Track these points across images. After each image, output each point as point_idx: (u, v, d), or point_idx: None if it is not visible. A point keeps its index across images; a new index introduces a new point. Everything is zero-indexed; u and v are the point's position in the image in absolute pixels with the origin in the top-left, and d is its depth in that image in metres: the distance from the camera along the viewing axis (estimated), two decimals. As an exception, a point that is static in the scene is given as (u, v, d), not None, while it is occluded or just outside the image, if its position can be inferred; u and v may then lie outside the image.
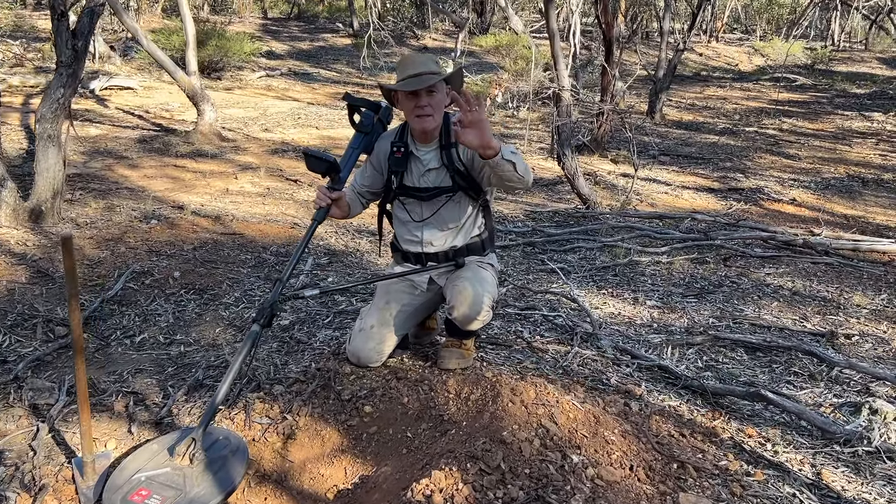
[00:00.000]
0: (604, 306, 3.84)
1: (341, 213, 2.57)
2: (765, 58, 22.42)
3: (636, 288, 4.12)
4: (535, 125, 10.43)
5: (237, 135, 8.51)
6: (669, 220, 5.46)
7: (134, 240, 4.37)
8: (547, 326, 3.48)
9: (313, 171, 2.40)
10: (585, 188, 5.61)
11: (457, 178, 2.53)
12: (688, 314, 3.76)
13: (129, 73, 12.52)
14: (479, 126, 2.09)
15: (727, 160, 8.32)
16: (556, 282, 4.18)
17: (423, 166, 2.58)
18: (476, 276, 2.54)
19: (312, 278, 4.07)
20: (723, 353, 3.27)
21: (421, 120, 2.46)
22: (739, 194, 6.67)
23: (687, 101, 13.94)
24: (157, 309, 3.61)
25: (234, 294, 3.81)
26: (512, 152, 2.23)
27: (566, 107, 5.43)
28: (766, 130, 10.63)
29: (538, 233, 5.14)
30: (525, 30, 11.39)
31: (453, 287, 2.52)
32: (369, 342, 2.60)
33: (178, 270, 3.97)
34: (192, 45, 7.85)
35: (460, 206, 2.59)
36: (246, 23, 21.22)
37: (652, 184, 6.89)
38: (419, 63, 2.45)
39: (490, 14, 20.05)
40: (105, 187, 5.87)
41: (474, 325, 2.56)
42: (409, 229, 2.67)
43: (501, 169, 2.22)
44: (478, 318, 2.52)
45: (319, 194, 2.48)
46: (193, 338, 3.35)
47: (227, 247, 4.42)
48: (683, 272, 4.38)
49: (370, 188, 2.74)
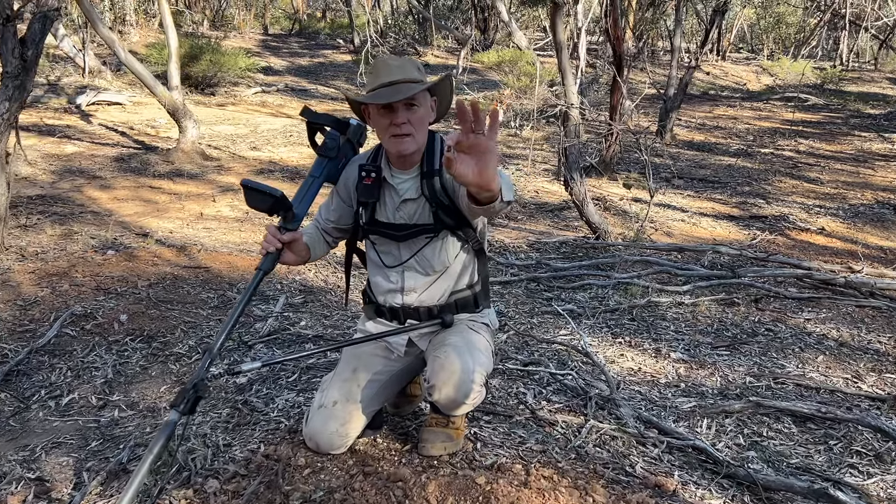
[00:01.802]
0: (621, 360, 3.28)
1: (296, 258, 2.02)
2: (773, 77, 21.96)
3: (657, 336, 3.56)
4: (539, 145, 9.91)
5: (222, 153, 8.00)
6: (689, 253, 4.91)
7: (82, 274, 3.82)
8: (555, 387, 2.92)
9: (256, 208, 1.86)
10: (595, 216, 5.07)
11: (440, 214, 1.99)
12: (720, 370, 3.19)
13: (119, 89, 12.05)
14: (481, 156, 1.42)
15: (745, 184, 7.77)
16: (565, 327, 3.62)
17: (398, 197, 2.04)
18: (466, 344, 1.98)
19: (282, 322, 3.52)
20: (767, 423, 2.70)
21: (397, 141, 1.93)
22: (763, 222, 6.12)
23: (697, 120, 13.43)
24: (94, 361, 3.06)
25: (187, 342, 3.26)
26: (507, 187, 1.69)
27: (574, 126, 4.90)
28: (783, 152, 10.10)
29: (543, 266, 4.59)
30: (529, 46, 10.91)
31: (435, 359, 1.96)
32: (330, 423, 2.04)
33: (126, 313, 3.42)
34: (174, 57, 7.36)
35: (445, 248, 2.05)
36: (246, 38, 20.83)
37: (666, 210, 6.35)
38: (395, 68, 1.92)
39: (493, 31, 19.66)
40: (68, 211, 5.34)
41: (461, 410, 2.01)
42: (386, 274, 2.12)
43: (492, 212, 1.68)
44: (466, 403, 1.97)
45: (268, 236, 1.94)
46: (133, 398, 2.80)
47: (189, 283, 3.87)
48: (710, 317, 3.81)
49: (337, 223, 2.20)
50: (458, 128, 1.39)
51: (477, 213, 1.78)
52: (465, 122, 1.37)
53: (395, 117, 1.91)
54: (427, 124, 2.00)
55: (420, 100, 1.94)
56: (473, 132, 1.38)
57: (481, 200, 1.60)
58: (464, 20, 22.33)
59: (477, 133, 1.39)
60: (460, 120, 1.38)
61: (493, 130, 1.40)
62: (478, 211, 1.69)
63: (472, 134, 1.39)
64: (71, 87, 11.59)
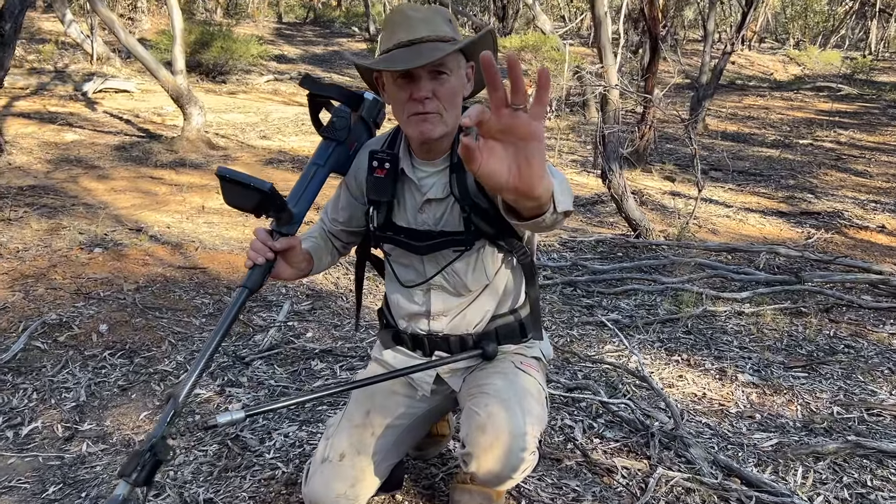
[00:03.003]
0: (680, 383, 2.79)
1: (293, 272, 1.53)
2: (801, 67, 21.24)
3: (720, 353, 3.06)
4: (565, 134, 9.39)
5: (230, 142, 7.56)
6: (742, 254, 4.40)
7: (62, 276, 3.39)
8: (607, 419, 2.44)
9: (236, 207, 1.39)
10: (636, 211, 4.57)
11: (474, 220, 1.50)
12: (799, 397, 2.70)
13: (127, 76, 11.65)
14: (521, 145, 0.90)
15: (789, 177, 7.22)
16: (611, 341, 3.14)
17: (419, 195, 1.56)
18: (513, 391, 1.50)
19: (285, 333, 3.06)
20: (870, 469, 2.21)
21: (419, 122, 1.44)
22: (815, 219, 5.58)
23: (727, 110, 12.84)
24: (65, 381, 2.62)
25: (175, 357, 2.81)
26: (563, 191, 1.17)
27: (614, 111, 4.40)
28: (823, 143, 9.52)
29: (580, 268, 4.10)
30: (553, 29, 10.38)
31: (474, 415, 1.47)
32: (336, 484, 1.57)
33: (107, 322, 2.98)
34: (178, 40, 6.91)
35: (483, 262, 1.56)
36: (259, 26, 20.41)
37: (709, 205, 5.83)
38: (417, 22, 1.42)
39: (512, 19, 19.10)
40: (59, 203, 4.91)
41: (507, 485, 1.54)
42: (408, 293, 1.65)
43: (541, 227, 1.17)
44: (513, 477, 1.49)
45: (255, 243, 1.47)
46: (106, 428, 2.36)
47: (181, 286, 3.42)
48: (777, 329, 3.31)
49: (346, 225, 1.72)
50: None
51: (519, 227, 1.29)
52: (496, 88, 0.86)
53: (415, 90, 1.41)
54: (461, 99, 1.50)
55: (451, 65, 1.44)
56: (509, 106, 0.87)
57: (523, 213, 1.07)
58: (482, 7, 21.78)
59: (515, 108, 0.87)
60: (489, 85, 0.86)
61: (541, 103, 0.87)
62: (520, 226, 1.18)
63: (505, 109, 0.87)
64: (78, 75, 11.22)
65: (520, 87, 0.87)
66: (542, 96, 0.87)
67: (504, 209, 1.12)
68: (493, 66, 0.85)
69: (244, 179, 1.34)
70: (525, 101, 0.88)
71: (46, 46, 12.96)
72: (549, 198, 1.03)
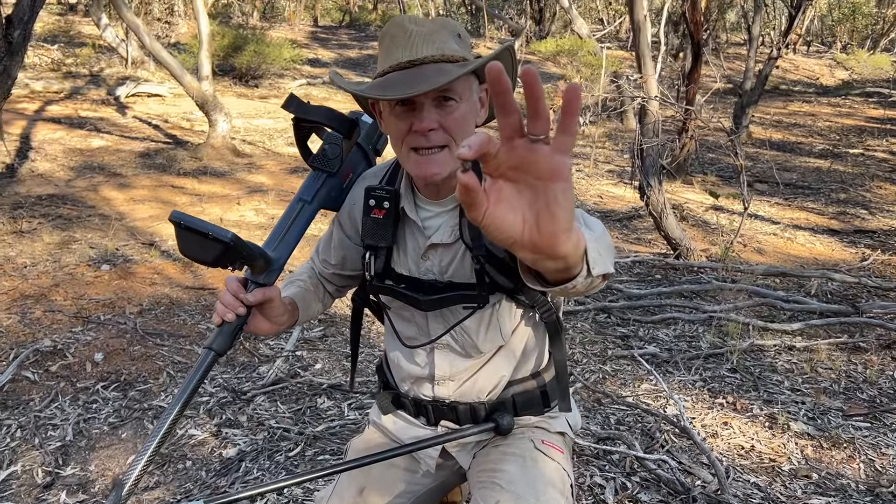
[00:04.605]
0: (725, 432, 2.50)
1: (271, 326, 1.29)
2: (848, 71, 20.53)
3: (769, 396, 2.76)
4: (601, 142, 9.07)
5: (256, 149, 7.41)
6: (792, 278, 4.06)
7: (63, 296, 3.22)
8: (642, 476, 2.17)
9: (195, 259, 1.15)
10: (676, 230, 4.26)
11: (488, 272, 1.24)
12: (861, 452, 2.39)
13: (161, 80, 11.64)
14: (540, 187, 0.65)
15: (840, 190, 6.82)
16: (647, 379, 2.86)
17: (423, 239, 1.31)
18: (530, 486, 1.24)
19: (293, 364, 2.84)
20: (950, 548, 1.91)
21: (422, 163, 1.18)
22: (871, 237, 5.20)
23: (771, 117, 12.36)
24: (53, 416, 2.44)
25: (172, 390, 2.61)
26: (600, 248, 0.89)
27: (654, 123, 4.10)
28: (875, 153, 9.04)
29: (614, 292, 3.82)
30: (590, 34, 10.06)
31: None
32: (322, 578, 1.33)
33: (104, 350, 2.79)
34: (205, 45, 6.78)
35: (498, 320, 1.30)
36: (295, 30, 20.42)
37: (754, 221, 5.48)
38: (419, 38, 1.16)
39: (549, 22, 18.80)
40: (75, 214, 4.78)
41: None
42: (409, 352, 1.40)
43: (571, 293, 0.89)
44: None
45: (225, 296, 1.23)
46: (90, 473, 2.17)
47: (186, 309, 3.22)
48: (834, 369, 3.00)
49: (340, 268, 1.48)
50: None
51: (545, 292, 1.02)
52: (508, 112, 0.62)
53: (417, 120, 1.15)
54: (473, 127, 1.23)
55: (460, 90, 1.17)
56: (524, 135, 0.63)
57: (547, 276, 0.82)
58: (518, 10, 21.50)
59: (533, 138, 0.63)
60: (498, 108, 0.62)
61: (568, 132, 0.63)
62: (544, 292, 0.91)
63: (520, 139, 0.63)
64: (112, 79, 11.25)
65: (540, 110, 0.61)
66: (569, 122, 0.62)
67: (523, 271, 0.86)
68: (503, 81, 0.60)
69: (202, 228, 1.11)
70: (546, 128, 0.62)
71: (84, 50, 13.06)
72: (579, 257, 0.76)
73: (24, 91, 9.31)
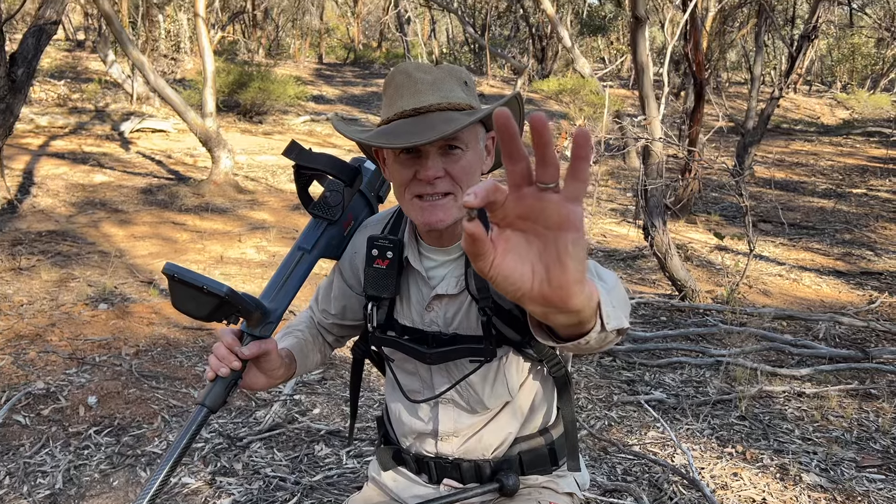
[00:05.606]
0: (735, 483, 2.42)
1: (268, 381, 1.24)
2: (849, 110, 20.68)
3: (780, 445, 2.68)
4: (604, 180, 9.07)
5: (258, 185, 7.41)
6: (800, 321, 4.00)
7: (59, 336, 3.17)
8: (651, 533, 2.09)
9: (188, 314, 1.11)
10: (681, 271, 4.22)
11: (496, 324, 1.20)
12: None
13: (165, 115, 11.74)
14: (550, 237, 0.61)
15: (844, 230, 6.78)
16: (654, 426, 2.79)
17: (427, 289, 1.27)
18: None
19: (290, 409, 2.78)
20: None
21: (426, 210, 1.15)
22: (877, 279, 5.15)
23: (773, 155, 12.40)
24: (43, 462, 2.37)
25: (167, 436, 2.54)
26: (614, 302, 0.86)
27: (657, 164, 4.09)
28: (878, 193, 9.03)
29: (619, 334, 3.75)
30: (592, 73, 10.13)
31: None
32: None
33: (98, 393, 2.73)
34: (209, 82, 6.82)
35: (505, 374, 1.25)
36: (300, 67, 20.65)
37: (759, 261, 5.43)
38: (425, 85, 1.14)
39: (551, 61, 19.00)
40: (74, 251, 4.75)
41: None
42: (412, 407, 1.34)
43: (584, 349, 0.84)
44: None
45: (219, 349, 1.18)
46: (78, 524, 2.09)
47: (184, 351, 3.17)
48: (845, 417, 2.92)
49: (340, 318, 1.43)
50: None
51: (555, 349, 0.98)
52: (516, 159, 0.60)
53: (422, 168, 1.13)
54: (479, 175, 1.20)
55: (466, 139, 1.15)
56: (533, 183, 0.60)
57: (558, 331, 0.79)
58: (521, 49, 21.77)
59: (542, 186, 0.60)
60: (505, 155, 0.60)
61: (579, 178, 0.59)
62: (556, 348, 0.87)
63: (528, 187, 0.60)
64: (118, 114, 11.35)
65: (549, 157, 0.58)
66: (580, 169, 0.59)
67: (533, 325, 0.82)
68: (510, 127, 0.57)
69: (197, 281, 1.06)
70: (556, 176, 0.59)
71: (90, 86, 13.19)
72: (592, 311, 0.72)
73: (28, 126, 9.38)
